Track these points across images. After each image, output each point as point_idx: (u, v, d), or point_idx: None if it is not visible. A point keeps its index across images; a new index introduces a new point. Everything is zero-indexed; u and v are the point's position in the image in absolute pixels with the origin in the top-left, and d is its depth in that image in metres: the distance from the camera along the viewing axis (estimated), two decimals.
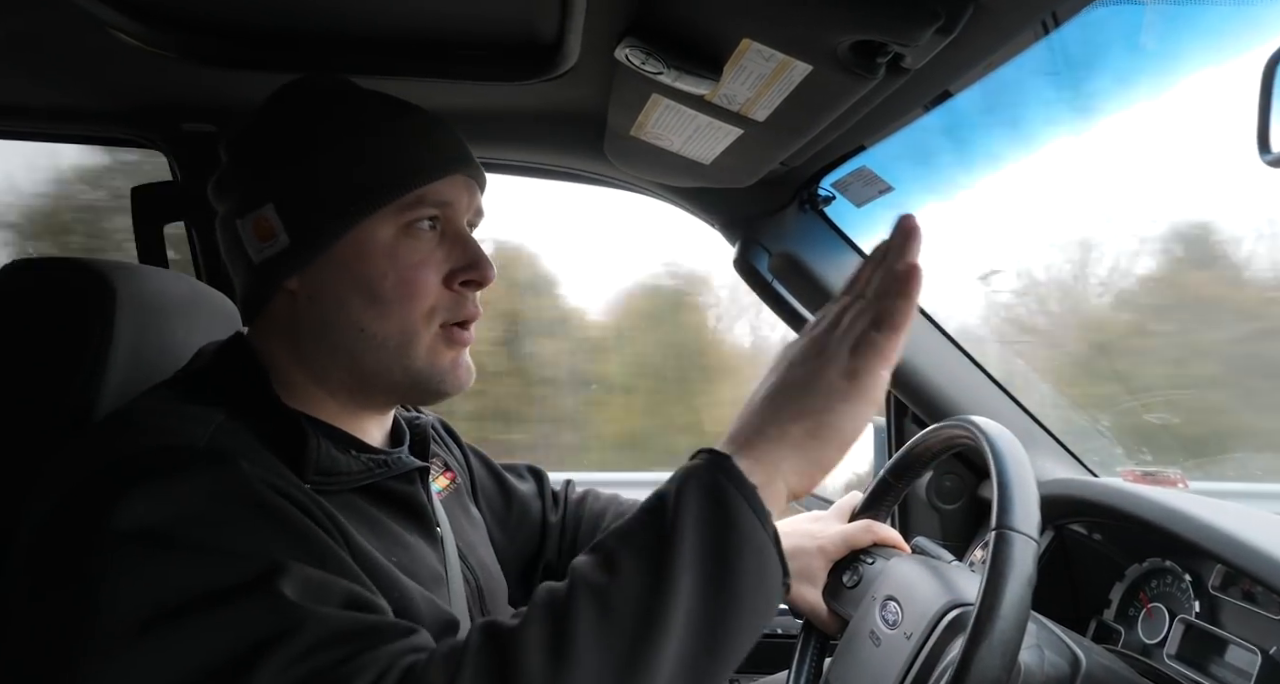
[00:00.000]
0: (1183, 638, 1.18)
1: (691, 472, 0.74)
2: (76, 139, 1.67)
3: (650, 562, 0.69)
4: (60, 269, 0.99)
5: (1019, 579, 0.86)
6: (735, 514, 0.72)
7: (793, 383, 0.79)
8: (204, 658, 0.66)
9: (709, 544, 0.70)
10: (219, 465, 0.77)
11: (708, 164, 1.34)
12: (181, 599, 0.68)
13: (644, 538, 0.72)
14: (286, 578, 0.70)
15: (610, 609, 0.68)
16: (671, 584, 0.68)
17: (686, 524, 0.70)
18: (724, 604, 0.70)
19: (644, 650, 0.67)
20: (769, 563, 0.73)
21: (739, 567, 0.71)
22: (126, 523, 0.71)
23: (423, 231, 0.95)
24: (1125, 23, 1.15)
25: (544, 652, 0.66)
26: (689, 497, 0.72)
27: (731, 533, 0.71)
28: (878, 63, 0.90)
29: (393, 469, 0.97)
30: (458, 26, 1.20)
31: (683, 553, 0.69)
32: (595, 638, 0.67)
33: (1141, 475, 1.59)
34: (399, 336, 0.94)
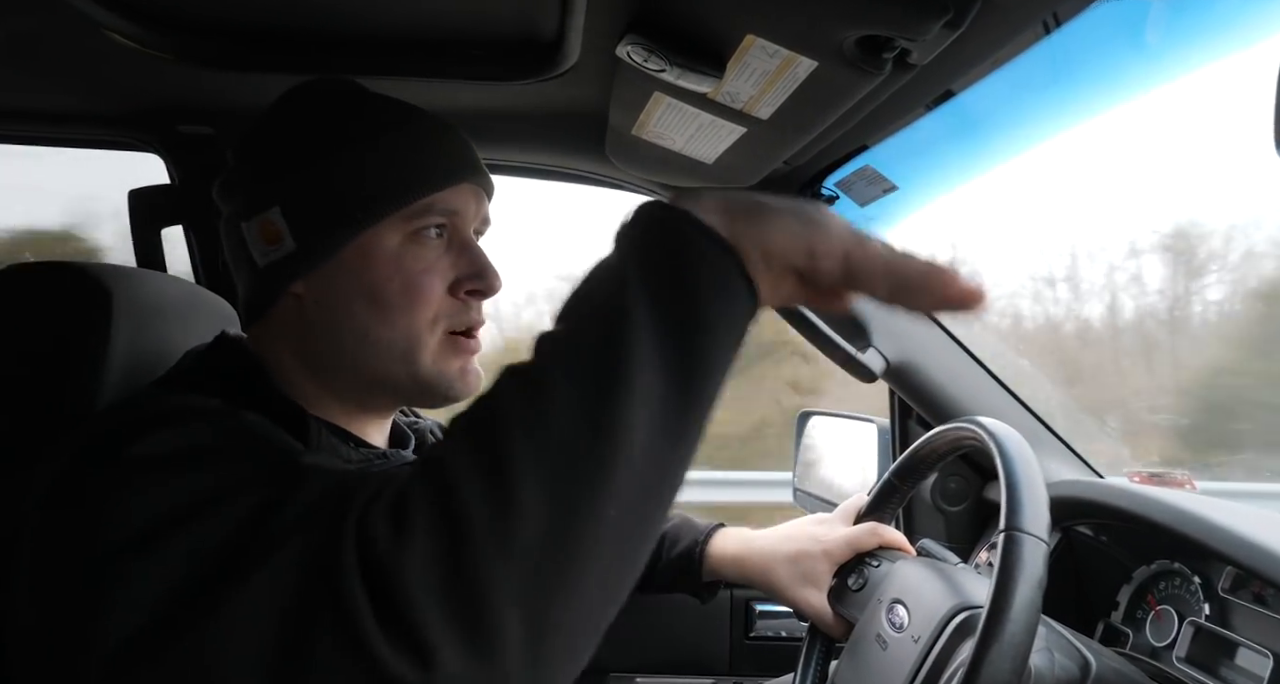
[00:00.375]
0: (1192, 640, 1.17)
1: (629, 215, 0.66)
2: (72, 142, 1.66)
3: (603, 295, 0.62)
4: (56, 273, 0.98)
5: (1029, 581, 0.85)
6: (679, 231, 0.63)
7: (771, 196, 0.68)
8: (215, 544, 0.64)
9: (657, 262, 0.62)
10: (229, 416, 0.79)
11: (710, 163, 1.33)
12: (188, 502, 0.66)
13: (594, 282, 0.64)
14: (300, 460, 0.73)
15: (574, 367, 0.60)
16: (627, 308, 0.60)
17: (629, 253, 0.63)
18: (693, 326, 0.61)
19: (614, 370, 0.59)
20: (726, 272, 0.63)
21: (693, 278, 0.62)
22: (137, 452, 0.71)
23: (429, 239, 0.94)
24: (1129, 18, 1.14)
25: (518, 396, 0.60)
26: (631, 231, 0.64)
27: (679, 247, 0.62)
28: (884, 58, 0.89)
29: (391, 461, 0.97)
30: (456, 25, 1.19)
31: (631, 277, 0.61)
32: (563, 377, 0.60)
33: (1149, 476, 1.58)
34: (403, 342, 0.93)
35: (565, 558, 0.58)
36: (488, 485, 0.58)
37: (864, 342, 1.64)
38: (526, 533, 0.57)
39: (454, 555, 0.57)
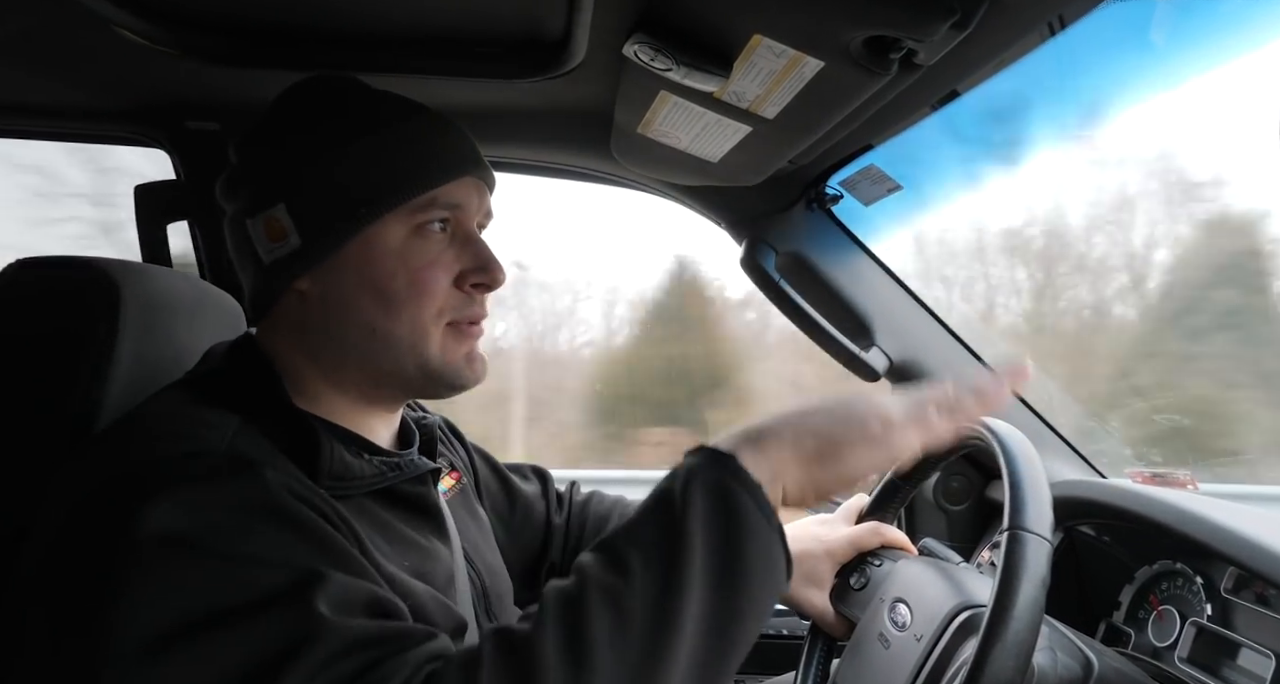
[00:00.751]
0: (1194, 641, 1.17)
1: (695, 469, 0.75)
2: (80, 137, 1.66)
3: (660, 562, 0.70)
4: (64, 268, 0.99)
5: (1032, 580, 0.85)
6: (742, 512, 0.72)
7: (830, 408, 0.81)
8: (229, 668, 0.66)
9: (718, 542, 0.71)
10: (240, 473, 0.77)
11: (715, 162, 1.33)
12: (206, 611, 0.68)
13: (653, 537, 0.72)
14: (312, 586, 0.70)
15: (624, 611, 0.68)
16: (683, 584, 0.69)
17: (695, 522, 0.71)
18: (733, 602, 0.71)
19: (658, 651, 0.67)
20: (775, 558, 0.73)
21: (747, 564, 0.71)
22: (150, 530, 0.70)
23: (433, 233, 0.95)
24: (1134, 20, 1.14)
25: (561, 655, 0.66)
26: (695, 495, 0.72)
27: (739, 531, 0.72)
28: (890, 59, 0.89)
29: (405, 472, 0.97)
30: (464, 23, 1.19)
31: (693, 551, 0.70)
32: (610, 640, 0.67)
33: (1151, 477, 1.58)
34: (410, 335, 0.94)
35: None
36: (567, 661, 0.66)
37: (867, 341, 1.64)
38: None
39: None
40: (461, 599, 1.00)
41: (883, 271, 1.66)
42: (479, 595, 1.07)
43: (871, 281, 1.65)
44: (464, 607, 1.00)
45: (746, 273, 1.65)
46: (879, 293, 1.65)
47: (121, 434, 0.84)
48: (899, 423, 0.80)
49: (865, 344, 1.64)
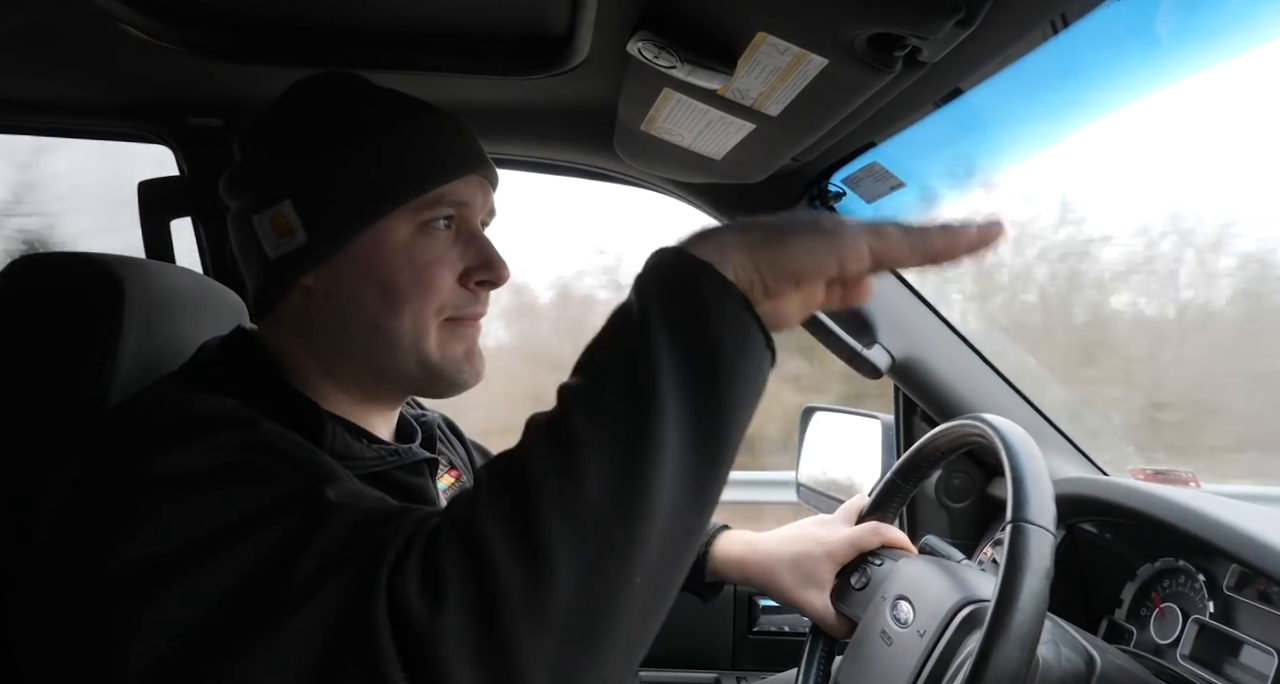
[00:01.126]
0: (1196, 638, 1.17)
1: (647, 267, 0.69)
2: (84, 134, 1.66)
3: (626, 354, 0.65)
4: (68, 264, 0.99)
5: (1037, 572, 0.85)
6: (699, 288, 0.66)
7: (780, 216, 0.73)
8: (248, 562, 0.65)
9: (681, 321, 0.65)
10: (245, 425, 0.78)
11: (719, 159, 1.33)
12: (219, 523, 0.67)
13: (617, 336, 0.68)
14: (320, 484, 0.71)
15: (605, 419, 0.64)
16: (652, 370, 0.64)
17: (652, 311, 0.66)
18: (712, 387, 0.65)
19: (643, 430, 0.62)
20: (745, 327, 0.67)
21: (717, 340, 0.66)
22: (155, 470, 0.71)
23: (438, 230, 0.95)
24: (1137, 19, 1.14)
25: (551, 467, 0.63)
26: (650, 289, 0.67)
27: (697, 304, 0.66)
28: (895, 56, 0.89)
29: (403, 458, 0.98)
30: (467, 20, 1.19)
31: (656, 336, 0.64)
32: (596, 450, 0.62)
33: (1153, 474, 1.58)
34: (412, 332, 0.94)
35: (594, 627, 0.61)
36: (521, 556, 0.60)
37: (869, 338, 1.64)
38: (559, 604, 0.59)
39: (488, 626, 0.59)
40: None
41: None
42: None
43: (874, 279, 1.65)
44: None
45: None
46: (881, 291, 1.65)
47: (119, 412, 0.85)
48: (852, 224, 0.72)
49: (867, 341, 1.64)
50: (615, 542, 0.61)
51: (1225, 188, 2.43)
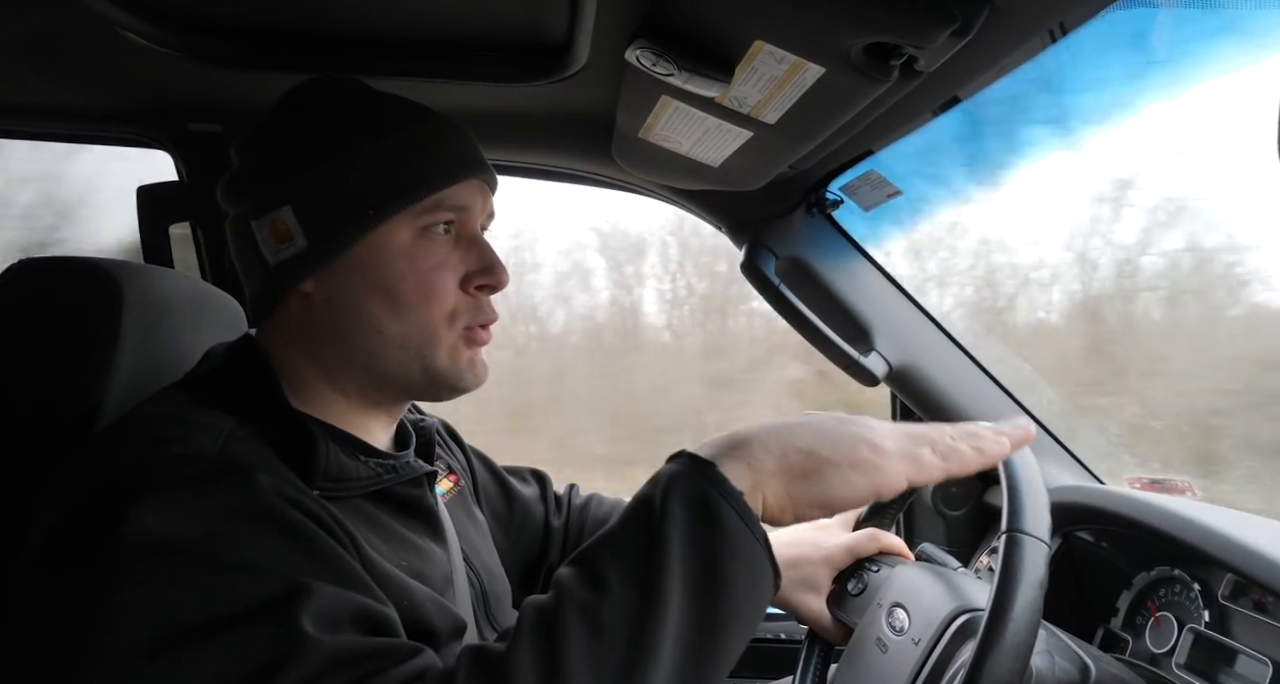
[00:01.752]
0: (1192, 647, 1.17)
1: (675, 477, 0.72)
2: (83, 139, 1.67)
3: (638, 575, 0.68)
4: (66, 269, 0.99)
5: (1031, 582, 0.85)
6: (722, 521, 0.70)
7: (821, 427, 0.78)
8: (213, 680, 0.66)
9: (698, 554, 0.69)
10: (231, 476, 0.77)
11: (716, 167, 1.34)
12: (194, 620, 0.67)
13: (630, 549, 0.70)
14: (298, 600, 0.69)
15: (600, 627, 0.67)
16: (661, 599, 0.67)
17: (673, 533, 0.69)
18: (715, 615, 0.69)
19: (636, 669, 0.66)
20: (759, 569, 0.71)
21: (729, 576, 0.69)
22: (139, 534, 0.71)
23: (438, 235, 0.96)
24: (1135, 27, 1.15)
25: (535, 675, 0.65)
26: (674, 504, 0.70)
27: (719, 541, 0.69)
28: (891, 65, 0.90)
29: (401, 474, 0.97)
30: (465, 27, 1.19)
31: (671, 564, 0.68)
32: (586, 658, 0.65)
33: (1150, 483, 1.58)
34: (418, 337, 0.94)
35: None
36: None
37: (866, 345, 1.65)
38: None
39: None
40: (461, 601, 1.00)
41: (882, 277, 1.66)
42: (478, 597, 1.07)
43: (871, 286, 1.66)
44: (463, 609, 1.00)
45: (746, 277, 1.65)
46: (878, 298, 1.66)
47: (115, 437, 0.84)
48: (891, 454, 0.77)
49: (865, 349, 1.64)
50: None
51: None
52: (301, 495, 0.80)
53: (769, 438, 0.76)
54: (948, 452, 0.79)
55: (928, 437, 0.80)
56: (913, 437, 0.79)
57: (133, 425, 0.85)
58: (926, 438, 0.80)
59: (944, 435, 0.81)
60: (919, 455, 0.77)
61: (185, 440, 0.80)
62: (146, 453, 0.78)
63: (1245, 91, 1.12)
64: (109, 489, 0.75)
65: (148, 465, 0.77)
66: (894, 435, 0.78)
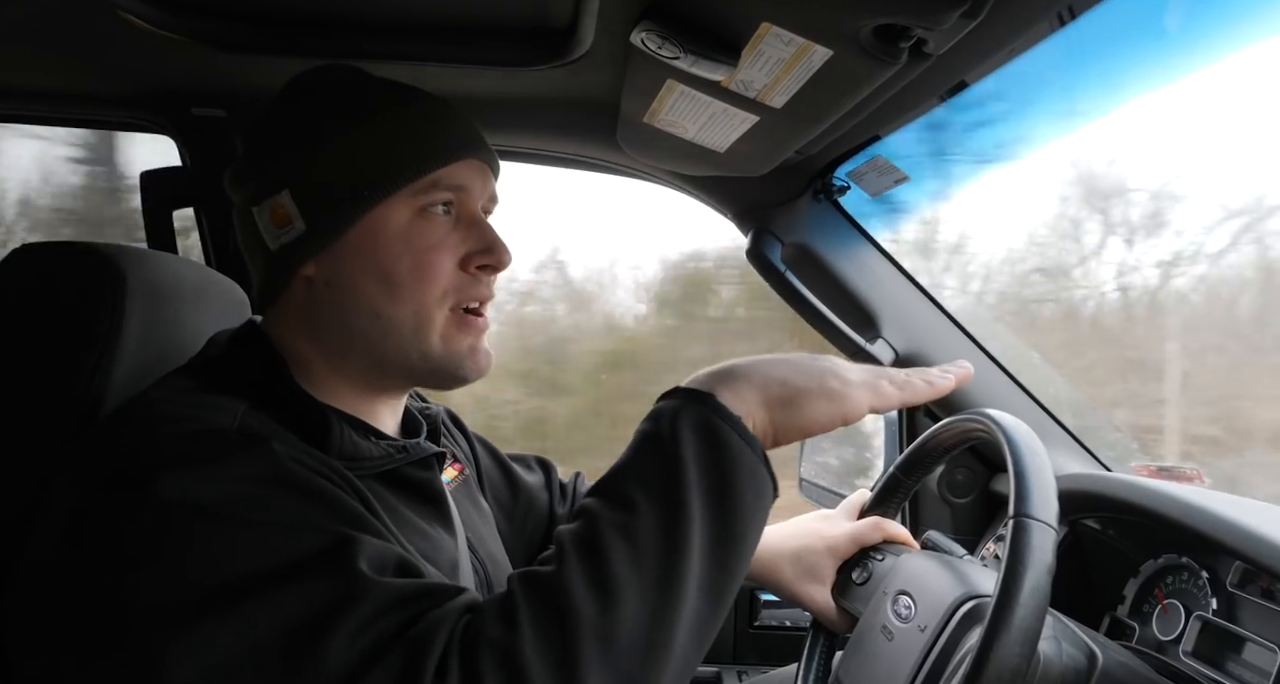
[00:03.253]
0: (1199, 635, 1.16)
1: (678, 409, 0.79)
2: (86, 123, 1.67)
3: (662, 494, 0.75)
4: (69, 254, 0.98)
5: (1038, 567, 0.84)
6: (727, 442, 0.78)
7: (793, 361, 0.87)
8: (270, 631, 0.67)
9: (711, 473, 0.76)
10: (253, 447, 0.79)
11: (722, 152, 1.33)
12: (242, 574, 0.69)
13: (651, 473, 0.77)
14: (349, 547, 0.72)
15: (637, 541, 0.73)
16: (685, 512, 0.74)
17: (687, 456, 0.76)
18: (731, 524, 0.76)
19: (672, 574, 0.73)
20: (762, 482, 0.79)
21: (739, 488, 0.77)
22: (175, 501, 0.72)
23: (437, 216, 0.96)
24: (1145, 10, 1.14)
25: (588, 587, 0.70)
26: (683, 431, 0.77)
27: (727, 459, 0.77)
28: (900, 47, 0.89)
29: (411, 455, 0.98)
30: (469, 11, 1.18)
31: (689, 482, 0.75)
32: (630, 569, 0.72)
33: (1157, 470, 1.57)
34: (413, 320, 0.94)
35: (649, 658, 0.71)
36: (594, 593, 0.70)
37: (873, 332, 1.64)
38: (623, 634, 0.70)
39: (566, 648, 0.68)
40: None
41: (889, 263, 1.65)
42: (482, 585, 1.07)
43: (877, 273, 1.65)
44: None
45: (752, 263, 1.65)
46: (885, 285, 1.65)
47: (127, 420, 0.84)
48: (855, 384, 0.86)
49: (871, 336, 1.64)
50: (642, 677, 0.71)
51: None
52: (321, 464, 0.83)
53: (751, 371, 0.84)
54: (903, 384, 0.89)
55: (885, 372, 0.90)
56: (873, 371, 0.89)
57: (144, 409, 0.85)
58: (884, 373, 0.90)
59: (899, 372, 0.91)
60: (879, 386, 0.87)
61: (201, 419, 0.81)
62: (164, 431, 0.79)
63: None
64: (132, 467, 0.76)
65: (167, 442, 0.77)
66: (856, 369, 0.88)
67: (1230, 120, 1.97)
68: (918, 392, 0.90)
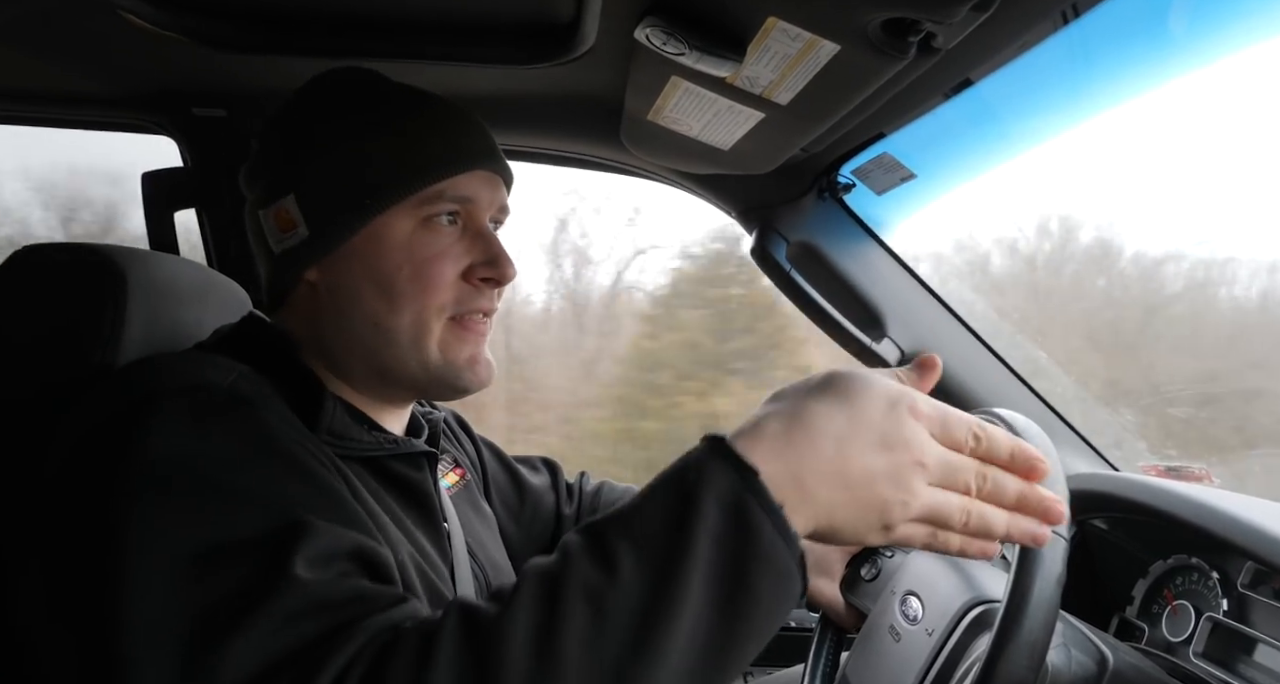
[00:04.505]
0: (1210, 636, 1.15)
1: (712, 472, 0.64)
2: (87, 124, 1.65)
3: (656, 567, 0.62)
4: (71, 255, 0.98)
5: (1047, 578, 0.83)
6: (758, 534, 0.63)
7: (874, 467, 0.66)
8: (198, 604, 0.65)
9: (726, 564, 0.62)
10: (239, 407, 0.79)
11: (726, 150, 1.32)
12: (191, 544, 0.67)
13: (652, 538, 0.63)
14: (294, 535, 0.68)
15: (605, 612, 0.61)
16: (678, 599, 0.61)
17: (703, 535, 0.62)
18: (735, 628, 0.63)
19: (636, 664, 0.60)
20: (790, 583, 0.65)
21: (756, 592, 0.63)
22: (147, 459, 0.72)
23: (441, 226, 0.95)
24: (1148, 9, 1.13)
25: (528, 646, 0.60)
26: (708, 505, 0.63)
27: (753, 557, 0.63)
28: (909, 42, 0.88)
29: (400, 448, 0.97)
30: (472, 8, 1.18)
31: (695, 566, 0.61)
32: (584, 642, 0.60)
33: (1165, 470, 1.56)
34: (412, 330, 0.94)
35: None
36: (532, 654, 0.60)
37: (879, 332, 1.63)
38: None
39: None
40: (464, 594, 0.99)
41: (895, 262, 1.64)
42: (482, 592, 1.06)
43: (884, 272, 1.64)
44: None
45: (757, 262, 1.64)
46: (891, 283, 1.64)
47: (127, 373, 0.85)
48: (915, 524, 0.68)
49: (877, 335, 1.62)
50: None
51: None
52: (305, 437, 0.82)
53: (822, 458, 0.66)
54: (964, 545, 0.70)
55: (951, 514, 0.68)
56: (941, 511, 0.68)
57: (144, 365, 0.86)
58: (950, 517, 0.68)
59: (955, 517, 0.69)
60: (936, 534, 0.69)
61: (196, 374, 0.81)
62: (158, 383, 0.79)
63: None
64: (120, 415, 0.76)
65: (158, 393, 0.77)
66: (930, 505, 0.68)
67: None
68: (985, 549, 0.70)
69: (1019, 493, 0.70)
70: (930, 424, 0.68)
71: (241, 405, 0.79)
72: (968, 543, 0.69)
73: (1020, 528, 0.70)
